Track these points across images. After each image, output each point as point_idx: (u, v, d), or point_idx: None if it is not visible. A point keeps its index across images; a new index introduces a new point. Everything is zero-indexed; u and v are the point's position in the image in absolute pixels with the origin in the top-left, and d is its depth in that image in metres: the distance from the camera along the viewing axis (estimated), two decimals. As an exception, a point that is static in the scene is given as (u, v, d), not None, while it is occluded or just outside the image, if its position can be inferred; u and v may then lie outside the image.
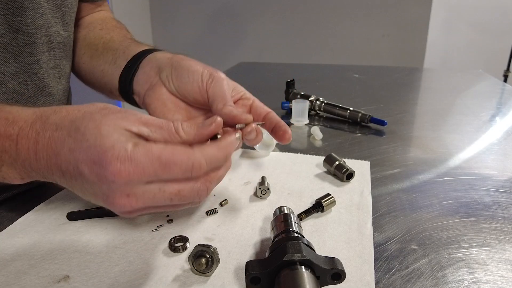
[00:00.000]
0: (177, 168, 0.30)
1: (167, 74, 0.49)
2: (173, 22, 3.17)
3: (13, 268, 0.37)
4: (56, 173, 0.32)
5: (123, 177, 0.29)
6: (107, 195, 0.31)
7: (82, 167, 0.30)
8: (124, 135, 0.31)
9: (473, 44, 2.74)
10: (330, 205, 0.47)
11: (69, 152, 0.31)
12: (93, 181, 0.30)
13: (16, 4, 0.49)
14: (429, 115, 0.95)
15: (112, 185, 0.30)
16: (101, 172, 0.29)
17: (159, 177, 0.30)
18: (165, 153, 0.30)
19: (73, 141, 0.31)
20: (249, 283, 0.34)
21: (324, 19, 2.82)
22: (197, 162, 0.31)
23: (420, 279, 0.37)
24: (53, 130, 0.32)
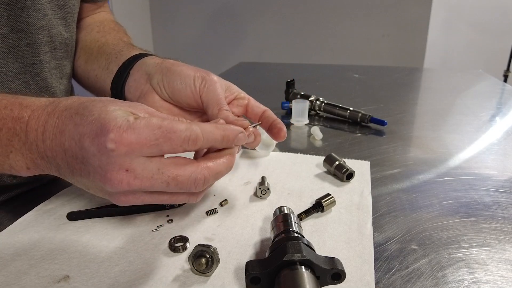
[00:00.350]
0: (177, 136, 0.31)
1: (158, 81, 0.48)
2: (173, 22, 3.17)
3: (13, 268, 0.37)
4: (59, 154, 0.32)
5: (124, 145, 0.29)
6: (105, 169, 0.30)
7: (84, 140, 0.31)
8: (128, 114, 0.32)
9: (473, 44, 2.75)
10: (330, 205, 0.47)
11: (74, 127, 0.31)
12: (93, 153, 0.30)
13: (18, 4, 0.49)
14: (429, 115, 0.95)
15: (111, 155, 0.30)
16: (102, 141, 0.30)
17: (160, 147, 0.31)
18: (165, 123, 0.31)
19: (79, 118, 0.32)
20: (249, 283, 0.34)
21: (324, 19, 2.82)
22: (194, 132, 0.32)
23: (420, 279, 0.37)
24: (62, 111, 0.33)
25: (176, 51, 3.24)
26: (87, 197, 0.51)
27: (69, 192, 0.52)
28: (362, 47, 2.79)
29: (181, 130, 0.31)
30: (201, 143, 0.33)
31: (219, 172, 0.35)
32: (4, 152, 0.34)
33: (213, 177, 0.34)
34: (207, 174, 0.34)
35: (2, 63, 0.50)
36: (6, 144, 0.33)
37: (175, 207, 0.48)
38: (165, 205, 0.47)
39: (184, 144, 0.32)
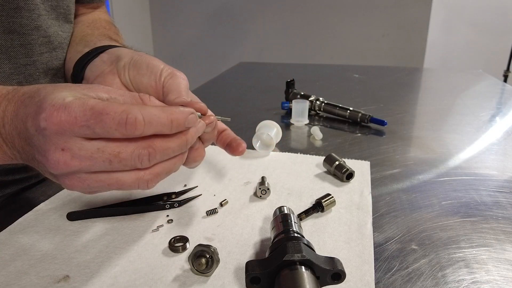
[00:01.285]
0: (110, 118, 0.29)
1: (125, 64, 0.46)
2: (173, 22, 3.17)
3: (13, 268, 0.37)
4: (15, 138, 0.33)
5: (54, 124, 0.29)
6: (43, 149, 0.30)
7: (27, 120, 0.31)
8: (74, 95, 0.31)
9: (473, 44, 2.75)
10: (330, 205, 0.47)
11: (24, 109, 0.32)
12: (33, 133, 0.30)
13: (11, 5, 0.49)
14: (429, 115, 0.95)
15: (45, 134, 0.30)
16: (37, 120, 0.30)
17: (91, 129, 0.29)
18: (100, 104, 0.30)
19: (29, 100, 0.32)
20: (249, 283, 0.34)
21: (324, 19, 2.82)
22: (132, 116, 0.29)
23: (420, 279, 0.37)
24: (20, 96, 0.34)
25: (176, 51, 3.25)
26: (87, 197, 0.51)
27: (69, 192, 0.52)
28: (362, 47, 2.79)
29: (115, 112, 0.29)
30: (142, 127, 0.30)
31: (168, 148, 0.33)
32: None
33: (160, 153, 0.32)
34: (151, 149, 0.32)
35: None
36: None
37: (175, 207, 0.48)
38: (165, 205, 0.47)
39: (119, 128, 0.29)
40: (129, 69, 0.45)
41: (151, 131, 0.31)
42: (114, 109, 0.29)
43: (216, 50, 3.14)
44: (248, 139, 0.59)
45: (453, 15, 2.72)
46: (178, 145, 0.34)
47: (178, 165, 0.36)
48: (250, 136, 0.65)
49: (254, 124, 0.71)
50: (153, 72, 0.43)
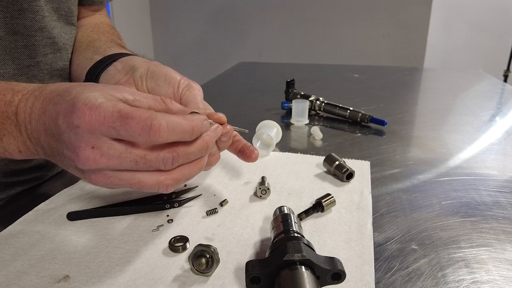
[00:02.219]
0: (134, 123, 0.30)
1: (142, 74, 0.47)
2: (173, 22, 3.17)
3: (13, 268, 0.37)
4: (42, 134, 0.34)
5: (87, 122, 0.30)
6: (74, 146, 0.31)
7: (58, 117, 0.32)
8: (104, 96, 0.32)
9: (473, 44, 2.74)
10: (330, 205, 0.47)
11: (53, 106, 0.33)
12: (64, 130, 0.32)
13: (15, 7, 0.49)
14: (429, 115, 0.95)
15: (77, 131, 0.31)
16: (70, 118, 0.31)
17: (117, 131, 0.31)
18: (128, 108, 0.31)
19: (59, 98, 0.33)
20: (249, 283, 0.34)
21: (324, 19, 2.82)
22: (157, 122, 0.31)
23: (420, 279, 0.37)
24: (48, 93, 0.34)
25: (176, 51, 3.24)
26: (87, 197, 0.51)
27: (69, 192, 0.52)
28: (362, 47, 2.79)
29: (140, 117, 0.31)
30: (166, 134, 0.31)
31: (190, 152, 0.35)
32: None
33: (183, 157, 0.34)
34: (175, 153, 0.33)
35: None
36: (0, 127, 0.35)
37: (175, 207, 0.48)
38: (165, 205, 0.47)
39: (143, 133, 0.31)
40: (146, 80, 0.47)
41: (174, 138, 0.33)
42: (140, 114, 0.31)
43: (216, 50, 3.14)
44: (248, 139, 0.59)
45: (453, 15, 2.72)
46: (199, 150, 0.35)
47: (197, 170, 0.37)
48: (250, 136, 0.65)
49: (254, 124, 0.71)
50: (171, 84, 0.46)
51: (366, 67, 1.58)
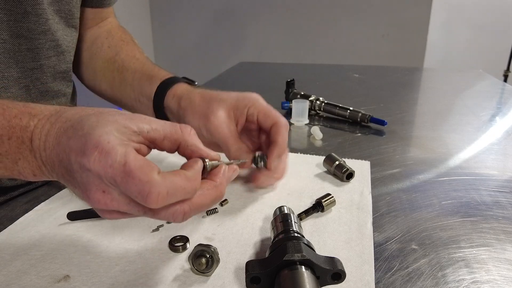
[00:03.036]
0: (134, 184, 0.29)
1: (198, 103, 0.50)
2: (173, 22, 3.17)
3: (14, 268, 0.38)
4: (56, 163, 0.33)
5: (95, 168, 0.29)
6: (85, 187, 0.31)
7: (71, 155, 0.31)
8: (119, 130, 0.31)
9: (473, 44, 2.74)
10: (330, 205, 0.47)
11: (67, 140, 0.31)
12: (76, 170, 0.31)
13: (18, 10, 0.49)
14: (429, 115, 0.95)
15: (89, 174, 0.30)
16: (81, 159, 0.30)
17: (117, 184, 0.29)
18: (132, 164, 0.29)
19: (72, 131, 0.32)
20: (249, 283, 0.34)
21: (324, 19, 2.82)
22: (155, 190, 0.29)
23: (420, 279, 0.37)
24: (63, 122, 0.33)
25: (176, 51, 3.24)
26: (87, 197, 0.51)
27: (69, 192, 0.52)
28: (362, 47, 2.78)
29: (139, 180, 0.29)
30: (165, 201, 0.30)
31: (203, 205, 0.33)
32: (14, 159, 0.34)
33: (194, 211, 0.33)
34: (187, 209, 0.32)
35: (2, 68, 0.50)
36: (15, 151, 0.34)
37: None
38: (165, 205, 0.47)
39: (139, 196, 0.29)
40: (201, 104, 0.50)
41: (175, 201, 0.31)
42: (141, 176, 0.29)
43: (216, 50, 3.13)
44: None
45: (453, 15, 2.72)
46: (212, 201, 0.34)
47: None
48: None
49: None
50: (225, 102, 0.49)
51: (366, 67, 1.58)
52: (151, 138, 0.33)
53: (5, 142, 0.34)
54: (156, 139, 0.34)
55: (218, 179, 0.35)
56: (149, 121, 0.34)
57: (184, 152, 0.36)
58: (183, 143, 0.35)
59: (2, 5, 0.48)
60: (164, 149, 0.35)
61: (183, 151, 0.36)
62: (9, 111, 0.34)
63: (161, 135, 0.34)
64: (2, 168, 0.35)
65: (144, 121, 0.33)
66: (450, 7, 2.69)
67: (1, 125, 0.34)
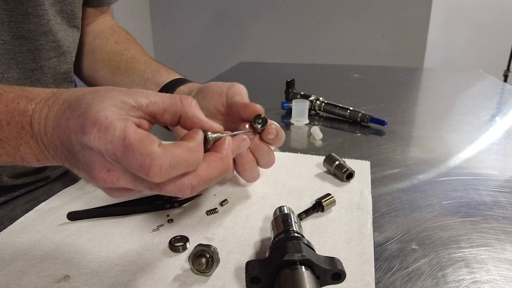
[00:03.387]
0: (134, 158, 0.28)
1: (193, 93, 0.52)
2: (173, 22, 3.17)
3: (14, 268, 0.38)
4: (58, 147, 0.32)
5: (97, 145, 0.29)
6: (89, 167, 0.30)
7: (71, 135, 0.30)
8: (116, 106, 0.30)
9: (473, 44, 2.74)
10: (330, 205, 0.47)
11: (66, 121, 0.31)
12: (79, 150, 0.30)
13: (19, 11, 0.49)
14: (429, 115, 0.95)
15: (91, 153, 0.29)
16: (83, 138, 0.29)
17: (118, 160, 0.29)
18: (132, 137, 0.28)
19: (70, 111, 0.31)
20: (249, 283, 0.34)
21: (324, 19, 2.82)
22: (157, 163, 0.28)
23: (420, 279, 0.37)
24: (61, 105, 0.33)
25: (176, 51, 3.24)
26: (87, 197, 0.51)
27: (69, 192, 0.52)
28: (362, 47, 2.78)
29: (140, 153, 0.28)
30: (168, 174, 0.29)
31: (211, 178, 0.33)
32: (15, 144, 0.34)
33: (202, 184, 0.32)
34: (194, 182, 0.31)
35: (3, 69, 0.50)
36: (15, 137, 0.34)
37: (175, 207, 0.48)
38: (165, 205, 0.47)
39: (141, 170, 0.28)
40: (197, 95, 0.51)
41: (178, 173, 0.30)
42: (141, 149, 0.28)
43: (216, 50, 3.13)
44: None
45: (453, 15, 2.72)
46: (219, 173, 0.33)
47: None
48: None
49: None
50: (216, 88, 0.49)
51: (366, 67, 1.58)
52: (150, 112, 0.32)
53: (4, 127, 0.33)
54: (156, 112, 0.33)
55: (223, 150, 0.34)
56: (147, 94, 0.33)
57: (185, 124, 0.34)
58: (183, 115, 0.34)
59: (3, 6, 0.48)
60: (166, 123, 0.34)
61: (184, 123, 0.34)
62: (6, 95, 0.34)
63: (161, 108, 0.33)
64: (4, 154, 0.34)
65: (142, 95, 0.32)
66: (450, 7, 2.69)
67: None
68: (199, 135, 0.33)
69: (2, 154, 0.34)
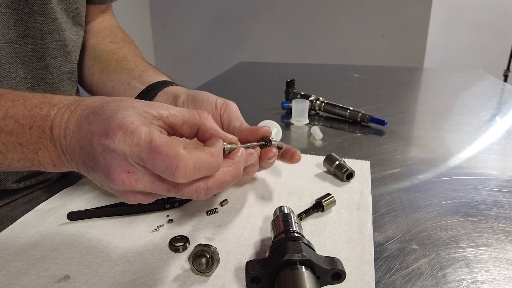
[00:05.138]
0: (161, 159, 0.29)
1: (184, 101, 0.51)
2: (173, 22, 3.17)
3: (14, 268, 0.38)
4: (76, 151, 0.33)
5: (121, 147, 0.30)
6: (109, 169, 0.31)
7: (93, 138, 0.31)
8: (140, 114, 0.32)
9: (473, 44, 2.74)
10: (330, 205, 0.47)
11: (88, 125, 0.32)
12: (100, 152, 0.31)
13: (25, 10, 0.49)
14: (429, 115, 0.95)
15: (113, 155, 0.30)
16: (106, 141, 0.30)
17: (144, 162, 0.30)
18: (158, 140, 0.30)
19: (93, 116, 0.32)
20: (249, 283, 0.34)
21: (324, 19, 2.82)
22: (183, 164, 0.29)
23: (420, 279, 0.37)
24: (83, 110, 0.34)
25: (176, 51, 3.24)
26: (87, 197, 0.51)
27: (69, 192, 0.52)
28: (362, 47, 2.78)
29: (167, 154, 0.29)
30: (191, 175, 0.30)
31: (225, 181, 0.34)
32: (34, 149, 0.35)
33: (217, 187, 0.34)
34: (210, 184, 0.33)
35: (10, 68, 0.50)
36: (36, 141, 0.35)
37: (175, 207, 0.48)
38: (165, 205, 0.47)
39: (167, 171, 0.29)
40: (188, 105, 0.50)
41: (199, 176, 0.32)
42: (168, 151, 0.29)
43: (216, 50, 3.13)
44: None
45: (453, 15, 2.72)
46: (232, 178, 0.35)
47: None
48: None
49: (254, 124, 0.70)
50: (210, 104, 0.49)
51: (366, 67, 1.58)
52: (170, 123, 0.34)
53: (26, 132, 0.34)
54: (176, 124, 0.35)
55: (236, 157, 0.36)
56: (167, 107, 0.35)
57: (204, 136, 0.37)
58: (202, 128, 0.36)
59: (8, 4, 0.48)
60: (184, 135, 0.36)
61: (202, 135, 0.37)
62: (29, 102, 0.35)
63: (180, 120, 0.35)
64: (23, 159, 0.35)
65: (163, 107, 0.35)
66: (450, 7, 2.69)
67: (23, 115, 0.34)
68: (220, 143, 0.35)
69: (20, 159, 0.36)
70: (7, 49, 0.49)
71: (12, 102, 0.35)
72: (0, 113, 0.34)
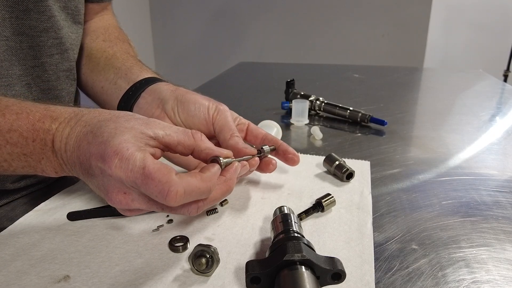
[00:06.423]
0: (154, 185, 0.31)
1: (172, 107, 0.50)
2: (173, 22, 3.17)
3: (14, 268, 0.37)
4: (77, 165, 0.36)
5: (117, 173, 0.32)
6: (106, 189, 0.34)
7: (91, 160, 0.33)
8: (136, 137, 0.34)
9: (473, 44, 2.74)
10: (330, 205, 0.47)
11: (87, 145, 0.34)
12: (97, 174, 0.33)
13: (20, 7, 0.49)
14: (429, 115, 0.95)
15: (110, 179, 0.33)
16: (103, 165, 0.32)
17: (138, 187, 0.32)
18: (151, 166, 0.32)
19: (92, 137, 0.34)
20: (249, 283, 0.34)
21: (324, 19, 2.82)
22: (174, 189, 0.31)
23: (420, 279, 0.37)
24: (82, 126, 0.36)
25: (176, 51, 3.24)
26: (87, 197, 0.51)
27: (69, 192, 0.52)
28: (362, 47, 2.78)
29: (159, 180, 0.31)
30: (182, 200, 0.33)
31: (216, 199, 0.37)
32: (37, 158, 0.38)
33: (207, 205, 0.37)
34: (201, 203, 0.36)
35: (7, 66, 0.50)
36: (39, 152, 0.37)
37: (175, 207, 0.48)
38: (165, 205, 0.47)
39: (160, 196, 0.32)
40: (178, 112, 0.50)
41: (190, 200, 0.34)
42: (160, 178, 0.31)
43: (216, 50, 3.13)
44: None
45: (453, 15, 2.72)
46: (222, 194, 0.38)
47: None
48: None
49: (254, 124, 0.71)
50: (201, 111, 0.49)
51: (366, 67, 1.58)
52: (165, 143, 0.37)
53: (30, 144, 0.37)
54: (171, 144, 0.37)
55: (228, 174, 0.39)
56: (163, 127, 0.37)
57: (199, 156, 0.39)
58: (196, 149, 0.38)
59: (3, 2, 0.48)
60: (178, 153, 0.38)
61: (197, 155, 0.39)
62: (33, 115, 0.37)
63: (175, 141, 0.37)
64: (27, 166, 0.38)
65: (159, 127, 0.36)
66: (450, 7, 2.69)
67: (27, 128, 0.37)
68: (215, 168, 0.37)
69: (25, 166, 0.38)
70: (3, 46, 0.49)
71: (17, 115, 0.37)
72: (6, 126, 0.37)
